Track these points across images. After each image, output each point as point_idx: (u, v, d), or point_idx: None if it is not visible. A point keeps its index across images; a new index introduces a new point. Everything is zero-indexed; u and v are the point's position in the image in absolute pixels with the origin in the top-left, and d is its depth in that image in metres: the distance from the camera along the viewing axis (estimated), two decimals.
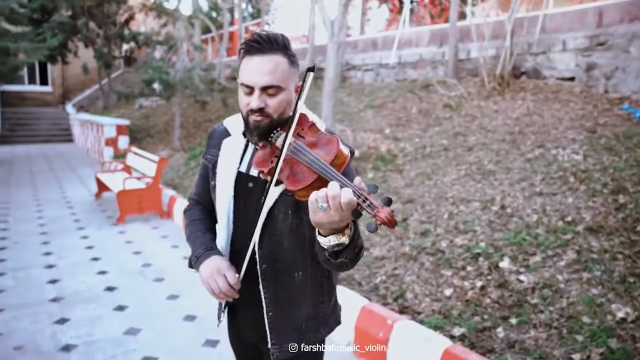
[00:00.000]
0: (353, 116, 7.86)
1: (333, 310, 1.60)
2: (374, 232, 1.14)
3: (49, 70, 19.77)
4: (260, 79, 1.31)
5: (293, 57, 1.38)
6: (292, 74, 1.36)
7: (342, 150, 1.21)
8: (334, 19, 5.26)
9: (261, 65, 1.31)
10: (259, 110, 1.33)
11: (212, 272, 1.39)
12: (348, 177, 1.35)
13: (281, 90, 1.33)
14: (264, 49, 1.32)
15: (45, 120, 17.81)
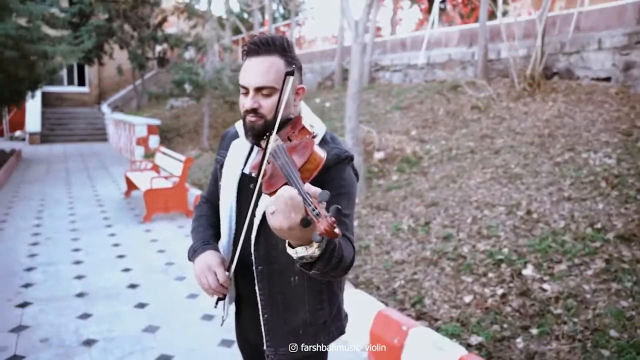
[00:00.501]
0: (380, 117, 7.79)
1: (335, 318, 1.57)
2: (319, 243, 1.05)
3: (86, 72, 20.44)
4: (254, 80, 1.33)
5: (291, 58, 1.37)
6: None
7: (315, 155, 1.18)
8: (359, 19, 5.22)
9: (256, 66, 1.34)
10: (252, 110, 1.34)
11: (203, 268, 1.41)
12: (332, 182, 1.33)
13: (275, 91, 1.33)
14: (260, 51, 1.34)
15: (82, 120, 18.41)
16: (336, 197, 1.32)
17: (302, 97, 1.44)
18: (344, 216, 1.33)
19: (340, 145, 1.41)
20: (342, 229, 1.31)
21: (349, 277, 3.92)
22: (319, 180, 1.30)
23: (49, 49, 7.65)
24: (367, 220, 4.84)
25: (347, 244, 1.27)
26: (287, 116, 1.38)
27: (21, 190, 8.34)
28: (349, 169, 1.39)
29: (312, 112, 1.51)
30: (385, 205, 5.02)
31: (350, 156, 1.39)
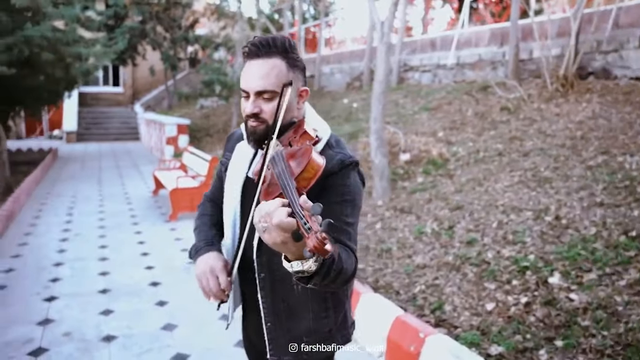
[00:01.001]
0: (407, 118, 7.68)
1: (341, 326, 1.52)
2: (309, 259, 1.00)
3: (120, 73, 21.01)
4: (254, 84, 1.29)
5: (294, 60, 1.33)
6: (290, 77, 1.30)
7: (313, 162, 1.14)
8: (384, 19, 5.15)
9: (256, 69, 1.29)
10: (253, 115, 1.30)
11: (205, 270, 1.37)
12: (335, 188, 1.28)
13: (277, 95, 1.28)
14: (260, 53, 1.29)
15: (116, 120, 18.93)
16: (339, 205, 1.29)
17: (306, 99, 1.39)
18: (346, 224, 1.29)
19: (345, 149, 1.36)
20: (344, 238, 1.27)
21: (369, 280, 3.86)
22: (322, 186, 1.26)
23: (83, 50, 7.87)
24: (390, 222, 4.76)
25: (349, 254, 1.23)
26: (289, 120, 1.34)
27: (55, 187, 8.61)
28: (354, 175, 1.33)
29: (317, 115, 1.47)
30: (409, 208, 4.92)
31: (355, 161, 1.34)
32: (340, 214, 1.28)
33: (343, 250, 1.21)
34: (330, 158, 1.30)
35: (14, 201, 6.64)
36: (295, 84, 1.32)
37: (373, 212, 5.11)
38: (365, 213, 5.15)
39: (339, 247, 1.19)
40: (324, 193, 1.28)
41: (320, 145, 1.34)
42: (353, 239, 1.30)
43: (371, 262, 4.17)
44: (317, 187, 1.28)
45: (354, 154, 1.37)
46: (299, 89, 1.35)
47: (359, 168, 1.37)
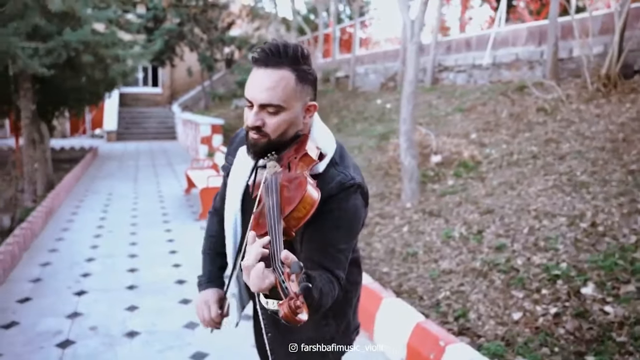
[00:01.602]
0: (440, 119, 7.52)
1: (344, 333, 1.49)
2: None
3: (159, 73, 21.59)
4: (259, 95, 1.21)
5: (305, 72, 1.24)
6: (298, 91, 1.23)
7: (306, 200, 1.08)
8: (414, 18, 5.05)
9: (263, 79, 1.20)
10: (255, 128, 1.23)
11: (202, 302, 1.48)
12: (332, 212, 1.21)
13: (282, 109, 1.21)
14: (269, 62, 1.20)
15: (154, 119, 19.44)
16: (333, 230, 1.23)
17: (314, 113, 1.32)
18: (337, 251, 1.24)
19: (347, 170, 1.27)
20: (332, 266, 1.22)
21: (392, 284, 3.79)
22: (319, 209, 1.18)
23: (121, 52, 8.10)
24: (417, 226, 4.66)
25: (332, 286, 1.18)
26: (294, 134, 1.28)
27: (94, 184, 8.91)
28: (354, 198, 1.25)
29: (324, 126, 1.39)
30: (437, 211, 4.81)
31: (355, 184, 1.25)
32: (332, 239, 1.23)
33: (327, 281, 1.17)
34: (330, 179, 1.24)
35: (54, 198, 6.90)
36: (303, 99, 1.25)
37: (401, 214, 5.02)
38: (392, 216, 5.06)
39: (322, 277, 1.16)
40: (320, 216, 1.21)
41: (323, 164, 1.27)
42: (342, 266, 1.25)
43: (396, 265, 4.09)
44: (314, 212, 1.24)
45: (356, 175, 1.28)
46: (307, 103, 1.27)
47: (362, 189, 1.30)
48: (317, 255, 1.21)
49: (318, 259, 1.21)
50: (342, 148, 1.37)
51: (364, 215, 1.35)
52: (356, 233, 1.31)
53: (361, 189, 1.28)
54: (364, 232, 4.92)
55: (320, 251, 1.22)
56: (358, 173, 1.31)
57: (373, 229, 4.91)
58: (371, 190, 5.87)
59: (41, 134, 8.24)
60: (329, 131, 1.37)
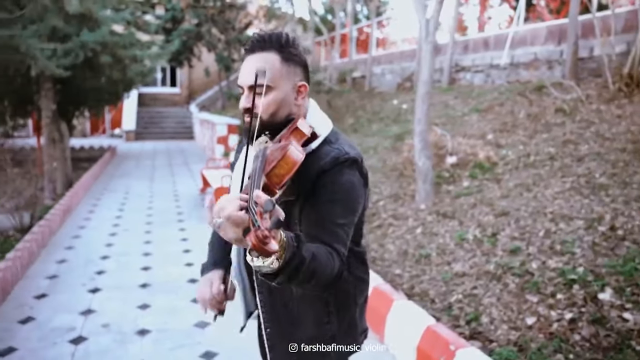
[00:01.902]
0: (456, 120, 7.42)
1: (347, 333, 1.46)
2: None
3: (177, 74, 21.82)
4: (247, 78, 1.27)
5: (290, 54, 1.28)
6: (284, 71, 1.27)
7: (288, 157, 1.10)
8: (429, 17, 4.99)
9: (250, 64, 1.28)
10: (247, 110, 1.27)
11: (204, 280, 1.44)
12: (326, 186, 1.22)
13: (270, 89, 1.25)
14: (255, 48, 1.28)
15: (172, 119, 19.65)
16: (329, 204, 1.23)
17: (305, 94, 1.34)
18: (334, 225, 1.23)
19: (342, 146, 1.30)
20: (330, 239, 1.20)
21: (404, 286, 3.75)
22: (315, 184, 1.23)
23: (139, 53, 8.20)
24: (431, 227, 4.60)
25: (331, 257, 1.16)
26: (287, 116, 1.30)
27: (111, 183, 9.04)
28: (349, 173, 1.27)
29: (320, 111, 1.41)
30: (452, 213, 4.74)
31: (350, 158, 1.27)
32: (328, 213, 1.23)
33: (324, 251, 1.15)
34: (325, 154, 1.26)
35: (72, 196, 7.02)
36: (291, 79, 1.29)
37: (415, 216, 4.96)
38: (406, 217, 5.01)
39: (319, 248, 1.14)
40: (316, 191, 1.24)
41: (316, 142, 1.29)
42: (341, 241, 1.23)
43: (408, 267, 4.04)
44: (310, 185, 1.24)
45: (352, 151, 1.30)
46: (297, 84, 1.31)
47: (359, 165, 1.30)
48: (314, 229, 1.21)
49: (315, 232, 1.21)
50: (338, 132, 1.39)
51: (364, 194, 1.34)
52: (354, 209, 1.29)
53: (357, 165, 1.29)
54: (378, 233, 4.89)
55: (317, 225, 1.22)
56: (354, 150, 1.31)
57: (386, 230, 4.87)
58: (385, 191, 5.82)
59: (61, 134, 8.39)
60: (325, 116, 1.40)
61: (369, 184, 1.39)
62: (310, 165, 1.26)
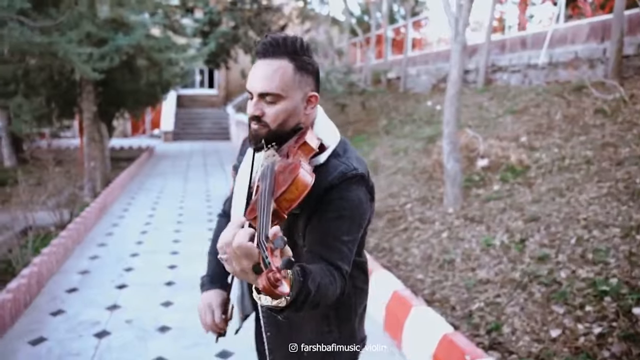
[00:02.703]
0: (489, 122, 7.21)
1: (347, 342, 1.43)
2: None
3: (215, 76, 22.26)
4: (257, 84, 1.22)
5: (304, 62, 1.24)
6: (297, 80, 1.23)
7: (299, 181, 1.05)
8: (459, 16, 4.86)
9: (261, 69, 1.23)
10: (255, 118, 1.24)
11: (205, 305, 1.46)
12: (333, 202, 1.19)
13: (280, 98, 1.22)
14: (267, 53, 1.22)
15: (209, 120, 20.06)
16: (335, 221, 1.20)
17: (315, 105, 1.30)
18: (340, 242, 1.20)
19: (350, 161, 1.26)
20: (334, 257, 1.18)
21: (425, 292, 3.66)
22: (321, 200, 1.20)
23: (174, 55, 8.41)
24: (457, 232, 4.48)
25: (333, 279, 1.13)
26: (295, 126, 1.27)
27: (147, 182, 9.30)
28: (356, 189, 1.23)
29: (328, 120, 1.37)
30: (480, 217, 4.60)
31: (358, 174, 1.23)
32: (334, 230, 1.20)
33: (327, 274, 1.12)
34: (333, 169, 1.23)
35: (107, 194, 7.26)
36: (302, 88, 1.25)
37: (442, 220, 4.85)
38: (433, 221, 4.90)
39: (322, 271, 1.11)
40: (322, 207, 1.21)
41: (324, 155, 1.26)
42: (345, 258, 1.20)
43: (431, 272, 3.95)
44: (316, 200, 1.21)
45: (360, 165, 1.26)
46: (307, 94, 1.27)
47: (366, 180, 1.27)
48: (317, 246, 1.19)
49: (318, 250, 1.18)
50: (346, 142, 1.36)
51: (370, 210, 1.31)
52: (360, 226, 1.26)
53: (364, 180, 1.26)
54: (403, 237, 4.80)
55: (321, 242, 1.19)
56: (362, 165, 1.28)
57: (412, 234, 4.78)
58: (414, 194, 5.72)
59: (101, 134, 8.71)
60: (332, 125, 1.36)
61: (374, 198, 1.35)
62: (317, 179, 1.21)
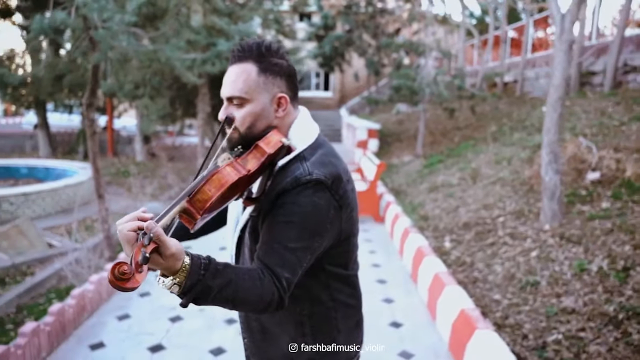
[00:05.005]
0: (610, 130, 6.36)
1: (327, 358, 1.37)
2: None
3: (330, 79, 22.80)
4: (224, 89, 1.27)
5: (269, 64, 1.24)
6: (261, 82, 1.23)
7: (215, 180, 1.05)
8: (566, 11, 4.34)
9: (228, 75, 1.27)
10: (227, 122, 1.25)
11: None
12: (283, 207, 1.17)
13: (245, 101, 1.23)
14: (234, 58, 1.26)
15: (322, 122, 20.55)
16: (282, 225, 1.17)
17: (287, 106, 1.27)
18: (283, 248, 1.15)
19: (309, 165, 1.21)
20: (272, 262, 1.15)
21: (497, 314, 3.35)
22: (274, 204, 1.19)
23: None
24: (549, 252, 4.03)
25: (260, 282, 1.10)
26: (265, 129, 1.26)
27: None
28: (312, 195, 1.17)
29: (309, 122, 1.34)
30: (578, 238, 4.08)
31: (313, 180, 1.17)
32: (280, 235, 1.16)
33: (253, 276, 1.10)
34: (290, 173, 1.20)
35: None
36: (269, 90, 1.25)
37: (534, 237, 4.40)
38: (524, 237, 4.47)
39: (249, 273, 1.10)
40: (273, 210, 1.19)
41: (285, 159, 1.24)
42: (287, 265, 1.15)
43: (510, 294, 3.61)
44: (269, 204, 1.20)
45: (321, 170, 1.20)
46: (276, 95, 1.26)
47: (328, 186, 1.20)
48: (261, 249, 1.17)
49: (261, 253, 1.17)
50: (321, 145, 1.30)
51: (340, 217, 1.23)
52: (314, 233, 1.19)
53: (323, 185, 1.19)
54: (488, 252, 4.46)
55: (264, 245, 1.18)
56: (326, 170, 1.21)
57: (498, 250, 4.41)
58: (509, 207, 5.27)
59: (214, 133, 9.44)
60: (311, 127, 1.33)
61: (349, 206, 1.26)
62: (273, 183, 1.22)
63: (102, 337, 3.39)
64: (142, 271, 0.90)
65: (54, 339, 3.19)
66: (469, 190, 6.39)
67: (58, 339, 3.24)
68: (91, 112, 4.46)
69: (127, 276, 0.88)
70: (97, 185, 4.87)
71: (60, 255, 5.06)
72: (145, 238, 0.90)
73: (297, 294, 1.26)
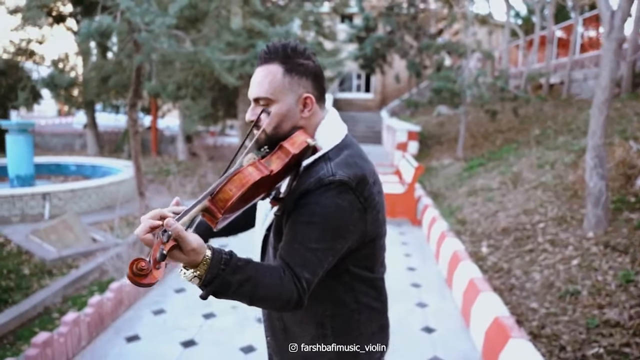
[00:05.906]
0: None
1: None
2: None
3: (371, 80, 22.70)
4: (251, 91, 1.28)
5: (295, 64, 1.24)
6: (287, 83, 1.24)
7: (236, 179, 1.06)
8: (617, 8, 4.13)
9: (255, 76, 1.28)
10: (254, 124, 1.27)
11: None
12: (306, 207, 1.18)
13: (271, 102, 1.24)
14: (261, 60, 1.27)
15: (363, 123, 20.49)
16: (304, 225, 1.17)
17: (312, 106, 1.27)
18: (304, 248, 1.15)
19: (334, 166, 1.20)
20: (292, 261, 1.15)
21: (533, 323, 3.23)
22: (297, 204, 1.19)
23: (320, 60, 8.84)
24: (591, 260, 3.85)
25: (280, 281, 1.11)
26: (291, 129, 1.26)
27: None
28: (335, 196, 1.17)
29: (337, 123, 1.33)
30: (625, 247, 3.88)
31: (336, 181, 1.17)
32: (302, 235, 1.16)
33: (273, 274, 1.11)
34: (314, 173, 1.20)
35: None
36: (295, 91, 1.25)
37: (577, 244, 4.21)
38: (566, 244, 4.29)
39: (270, 271, 1.12)
40: (296, 210, 1.19)
41: (312, 158, 1.24)
42: (308, 265, 1.15)
43: (548, 303, 3.47)
44: (292, 204, 1.20)
45: (345, 171, 1.19)
46: (302, 95, 1.26)
47: (352, 187, 1.19)
48: (283, 248, 1.18)
49: (283, 252, 1.18)
50: (349, 146, 1.29)
51: (363, 220, 1.22)
52: (337, 235, 1.19)
53: (348, 187, 1.18)
54: (526, 259, 4.30)
55: (286, 245, 1.18)
56: (350, 170, 1.20)
57: (537, 257, 4.25)
58: (551, 213, 5.07)
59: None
60: (338, 128, 1.32)
61: (374, 208, 1.25)
62: (299, 183, 1.22)
63: (138, 330, 3.50)
64: (159, 268, 0.93)
65: (93, 330, 3.32)
66: (509, 194, 6.20)
67: (97, 330, 3.37)
68: (134, 112, 4.63)
69: (145, 272, 0.91)
70: (139, 183, 5.05)
71: (103, 250, 5.27)
72: (165, 236, 0.93)
73: (320, 294, 1.27)
